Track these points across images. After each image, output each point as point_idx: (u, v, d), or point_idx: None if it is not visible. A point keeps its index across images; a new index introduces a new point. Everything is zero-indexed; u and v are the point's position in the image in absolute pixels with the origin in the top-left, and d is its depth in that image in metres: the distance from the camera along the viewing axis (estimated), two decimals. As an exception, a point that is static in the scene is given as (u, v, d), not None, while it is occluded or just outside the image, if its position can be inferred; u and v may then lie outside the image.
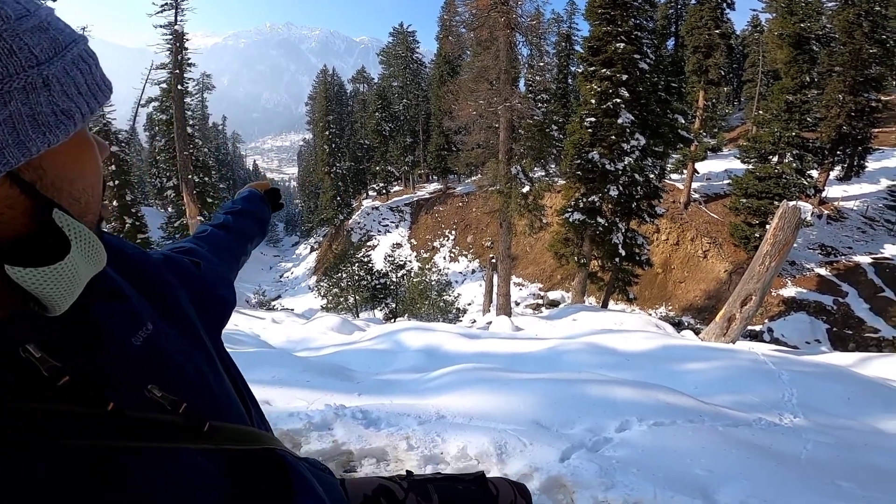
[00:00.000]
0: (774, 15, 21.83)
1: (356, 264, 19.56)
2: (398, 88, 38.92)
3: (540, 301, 22.00)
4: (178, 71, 19.70)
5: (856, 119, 20.57)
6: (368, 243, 33.58)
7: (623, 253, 15.65)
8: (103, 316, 0.41)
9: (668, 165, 25.71)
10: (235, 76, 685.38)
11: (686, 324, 18.20)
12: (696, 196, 23.72)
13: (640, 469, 1.89)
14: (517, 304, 21.44)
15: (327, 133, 38.49)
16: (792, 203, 7.01)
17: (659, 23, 28.12)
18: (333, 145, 38.67)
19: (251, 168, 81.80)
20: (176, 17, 23.12)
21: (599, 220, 15.34)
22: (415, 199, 36.39)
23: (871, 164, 23.09)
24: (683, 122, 18.73)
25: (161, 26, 22.93)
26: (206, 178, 22.56)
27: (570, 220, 15.42)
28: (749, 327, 16.97)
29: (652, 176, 16.30)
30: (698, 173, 24.11)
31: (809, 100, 19.40)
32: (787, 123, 19.01)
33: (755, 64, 32.22)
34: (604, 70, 15.12)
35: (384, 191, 38.95)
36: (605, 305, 16.71)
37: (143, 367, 0.41)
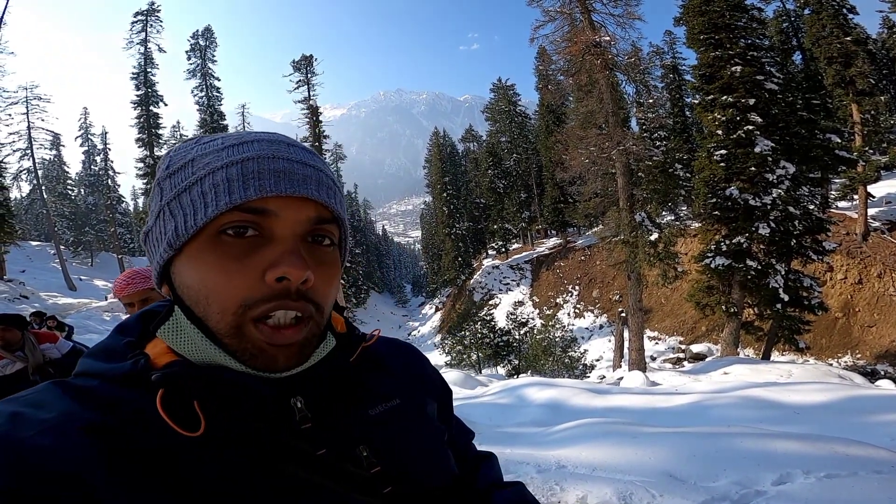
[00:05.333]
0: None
1: (479, 323, 19.78)
2: (507, 144, 39.65)
3: (681, 355, 19.55)
4: (316, 143, 22.71)
5: None
6: (490, 302, 33.78)
7: (786, 298, 13.34)
8: (361, 386, 0.54)
9: (832, 193, 21.90)
10: (361, 144, 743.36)
11: (883, 373, 14.62)
12: (876, 224, 19.58)
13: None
14: (653, 358, 19.36)
15: (445, 195, 40.81)
16: None
17: (775, 38, 25.17)
18: (452, 206, 40.70)
19: (381, 233, 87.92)
20: (309, 92, 27.68)
21: (749, 262, 13.42)
22: (534, 255, 36.05)
23: None
24: (839, 141, 15.99)
25: (298, 102, 27.63)
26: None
27: (712, 266, 13.75)
28: None
29: (812, 207, 14.00)
30: (873, 197, 20.04)
31: None
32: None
33: (908, 67, 26.89)
34: (724, 97, 13.84)
35: (503, 249, 39.36)
36: (766, 357, 14.21)
37: (368, 432, 0.52)
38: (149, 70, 28.57)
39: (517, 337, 18.99)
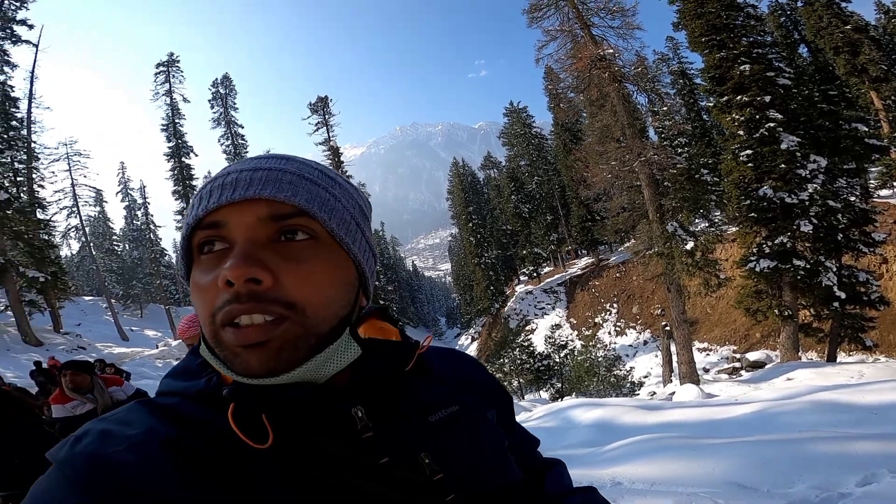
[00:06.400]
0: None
1: (517, 349, 19.41)
2: (526, 167, 39.53)
3: (737, 364, 18.51)
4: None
5: None
6: (527, 328, 33.15)
7: (842, 295, 12.58)
8: (419, 393, 0.55)
9: (871, 182, 20.90)
10: (383, 182, 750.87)
11: (964, 365, 13.30)
12: (924, 210, 18.46)
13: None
14: (706, 370, 18.43)
15: (470, 225, 40.89)
16: None
17: (777, 33, 24.70)
18: (479, 236, 40.66)
19: (411, 269, 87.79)
20: (328, 133, 27.78)
21: (797, 262, 12.78)
22: (567, 277, 35.42)
23: None
24: (867, 129, 15.34)
25: (319, 144, 28.02)
26: (377, 283, 25.56)
27: (757, 269, 13.15)
28: None
29: (853, 198, 13.34)
30: (915, 183, 19.08)
31: None
32: None
33: (915, 50, 25.89)
34: (739, 97, 13.53)
35: (535, 273, 38.86)
36: (831, 359, 13.31)
37: (429, 439, 0.51)
38: (177, 121, 29.00)
39: (557, 360, 18.49)
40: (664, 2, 15.06)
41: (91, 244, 35.71)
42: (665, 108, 15.39)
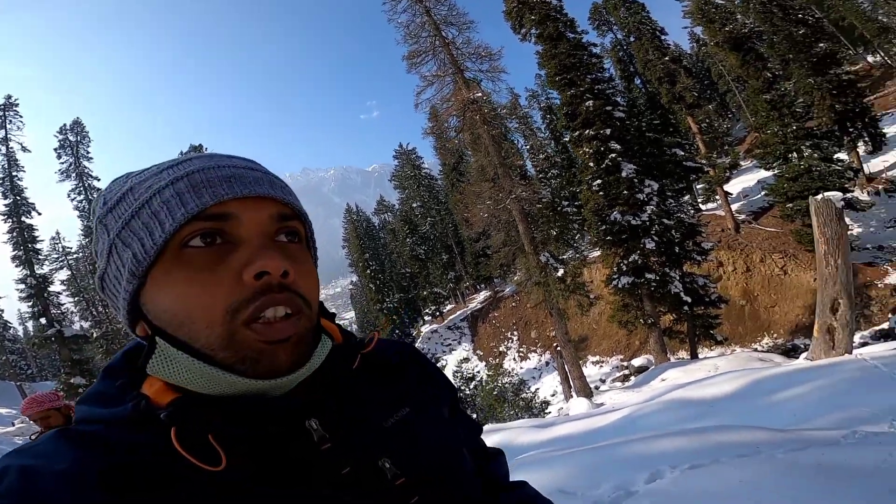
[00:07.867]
0: (702, 28, 22.05)
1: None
2: (419, 209, 40.20)
3: (626, 372, 20.49)
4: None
5: (840, 95, 19.28)
6: (438, 365, 33.19)
7: (689, 300, 14.78)
8: (370, 394, 0.55)
9: (699, 198, 25.02)
10: None
11: (803, 346, 15.99)
12: (742, 217, 22.68)
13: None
14: (602, 381, 20.20)
15: (369, 272, 40.40)
16: (818, 197, 6.69)
17: (617, 68, 27.89)
18: (378, 282, 40.29)
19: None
20: None
21: (648, 276, 14.75)
22: (468, 312, 36.54)
23: (892, 129, 21.44)
24: (683, 153, 18.59)
25: None
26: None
27: (619, 286, 14.95)
28: (876, 328, 14.77)
29: (683, 215, 15.99)
30: (732, 195, 23.24)
31: (787, 92, 18.77)
32: (781, 120, 18.17)
33: (722, 75, 31.69)
34: (587, 131, 15.24)
35: (438, 312, 39.41)
36: (694, 356, 15.34)
37: (386, 444, 0.51)
38: (14, 174, 24.37)
39: (468, 392, 18.76)
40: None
41: None
42: (530, 145, 16.84)
